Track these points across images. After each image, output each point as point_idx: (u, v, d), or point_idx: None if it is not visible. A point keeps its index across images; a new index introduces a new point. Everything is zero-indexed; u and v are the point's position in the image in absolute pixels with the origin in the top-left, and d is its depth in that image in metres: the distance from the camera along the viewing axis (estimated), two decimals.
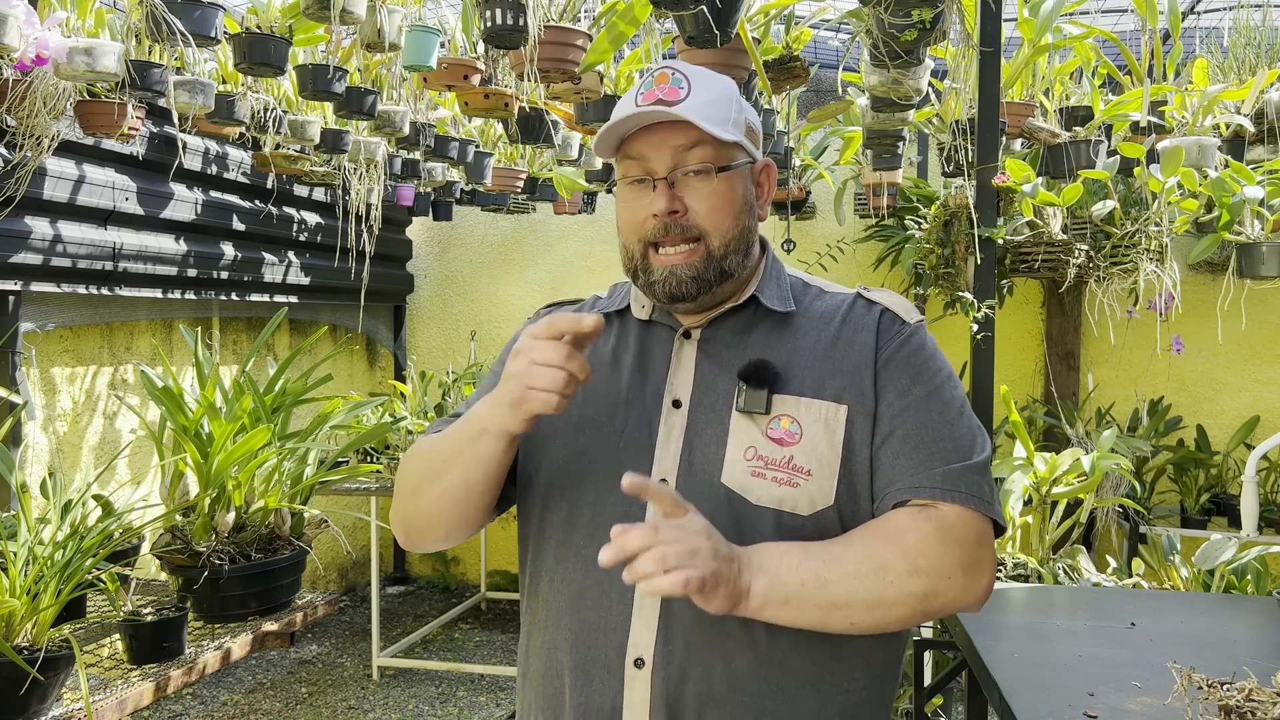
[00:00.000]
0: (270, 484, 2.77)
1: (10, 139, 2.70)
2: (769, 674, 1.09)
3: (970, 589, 1.07)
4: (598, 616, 1.12)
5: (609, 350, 1.24)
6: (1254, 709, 1.15)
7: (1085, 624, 1.51)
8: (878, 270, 4.95)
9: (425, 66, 2.44)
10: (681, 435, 1.14)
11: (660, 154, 1.14)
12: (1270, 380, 4.60)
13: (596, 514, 1.14)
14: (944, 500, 1.08)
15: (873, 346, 1.15)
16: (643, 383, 1.19)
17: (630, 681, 1.09)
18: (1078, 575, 2.39)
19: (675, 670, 1.08)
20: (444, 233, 5.69)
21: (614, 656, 1.10)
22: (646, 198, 1.14)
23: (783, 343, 1.17)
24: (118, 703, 2.20)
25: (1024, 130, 3.02)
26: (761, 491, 1.10)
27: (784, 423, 1.11)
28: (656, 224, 1.13)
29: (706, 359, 1.18)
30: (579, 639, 1.13)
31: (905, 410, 1.12)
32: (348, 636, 4.82)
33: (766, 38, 2.49)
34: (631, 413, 1.17)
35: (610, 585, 1.11)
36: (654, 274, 1.15)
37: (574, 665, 1.13)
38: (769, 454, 1.10)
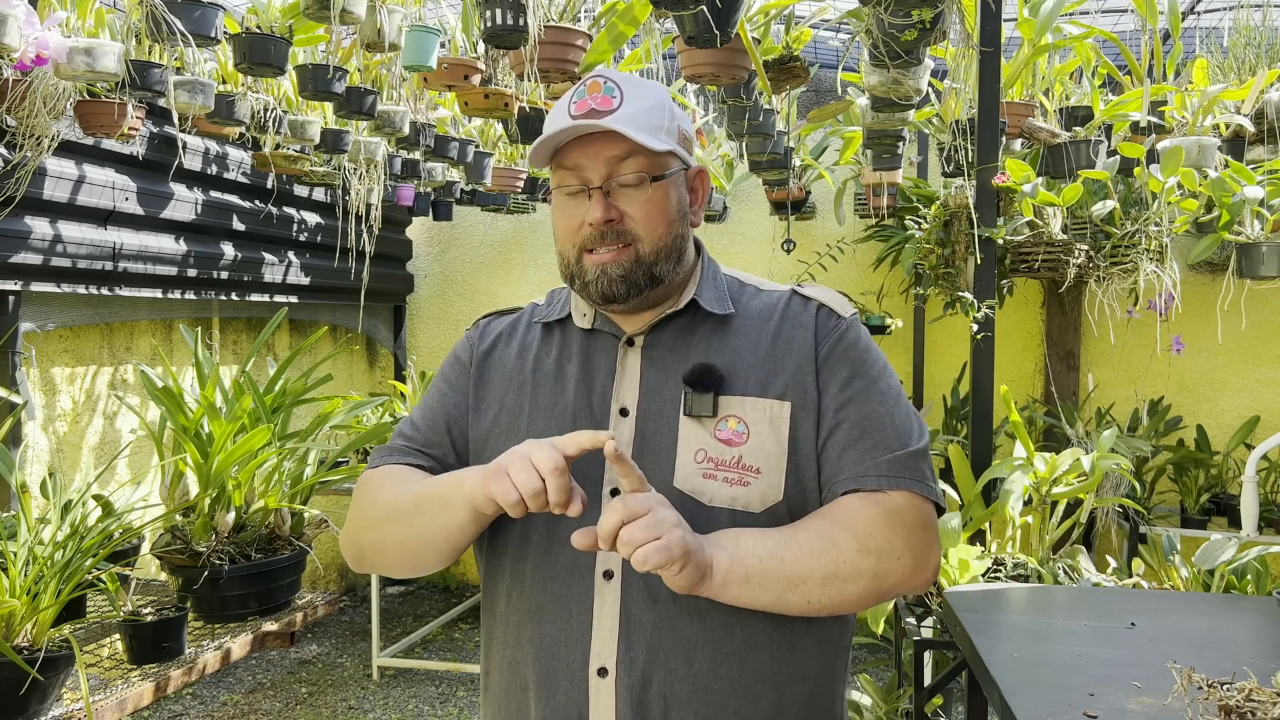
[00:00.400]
0: (270, 484, 2.77)
1: (10, 139, 2.70)
2: (729, 672, 1.11)
3: (919, 570, 1.11)
4: (558, 629, 1.13)
5: (552, 361, 1.25)
6: (1254, 709, 1.15)
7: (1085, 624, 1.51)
8: (878, 270, 4.95)
9: (425, 66, 2.44)
10: (631, 443, 1.16)
11: (595, 164, 1.15)
12: (1270, 380, 4.60)
13: (550, 528, 1.16)
14: (890, 488, 1.12)
15: (812, 343, 1.18)
16: (589, 393, 1.20)
17: (595, 690, 1.11)
18: (1078, 575, 2.39)
19: (638, 676, 1.10)
20: (444, 233, 5.69)
21: (577, 667, 1.12)
22: (582, 206, 1.17)
23: (724, 344, 1.19)
24: (118, 703, 2.20)
25: (1024, 130, 3.02)
26: (714, 492, 1.12)
27: (731, 423, 1.14)
28: (592, 231, 1.16)
29: (651, 365, 1.20)
30: (541, 652, 1.14)
31: (848, 402, 1.15)
32: (348, 636, 4.82)
33: (766, 38, 2.49)
34: (578, 422, 1.18)
35: (569, 597, 1.13)
36: (587, 274, 1.17)
37: (537, 678, 1.14)
38: (719, 455, 1.13)
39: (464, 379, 1.29)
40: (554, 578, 1.14)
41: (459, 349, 1.34)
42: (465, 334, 1.36)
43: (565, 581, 1.14)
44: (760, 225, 5.22)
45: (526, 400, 1.23)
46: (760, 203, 5.08)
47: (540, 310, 1.33)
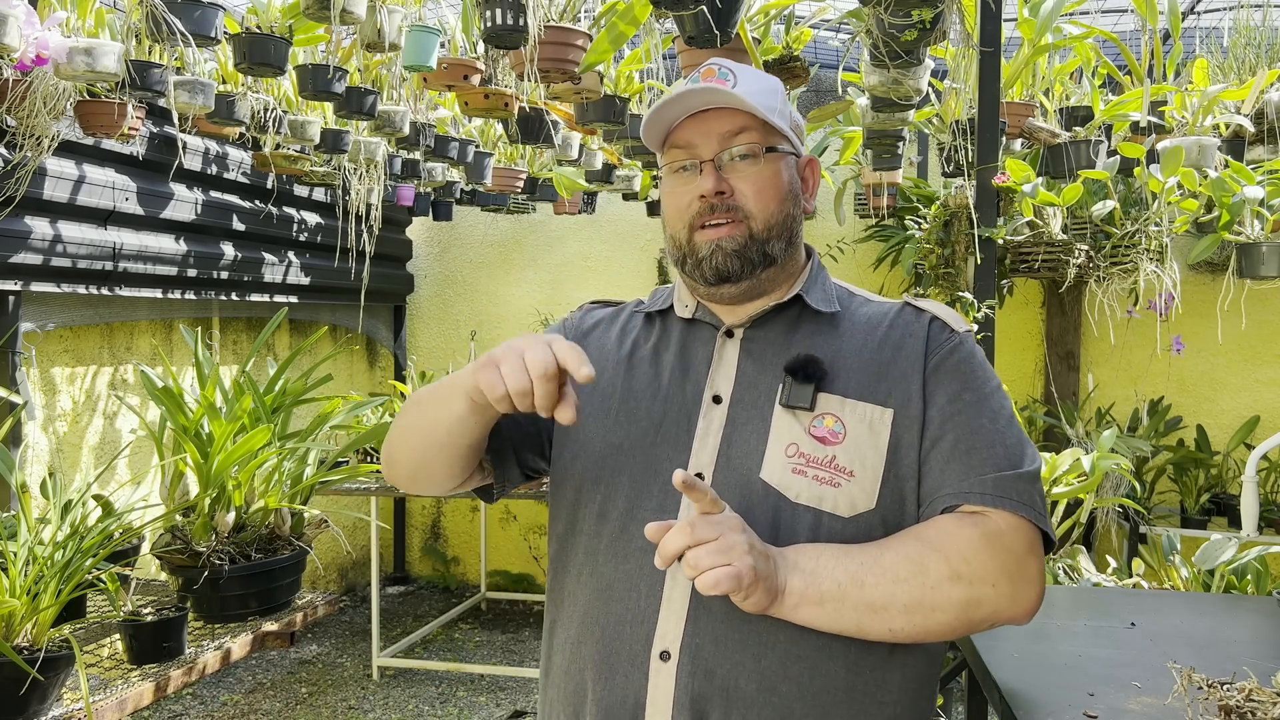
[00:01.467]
0: (270, 484, 2.77)
1: (10, 139, 2.70)
2: (800, 676, 1.05)
3: (1017, 600, 1.03)
4: (625, 609, 1.09)
5: (649, 347, 1.23)
6: (1254, 709, 1.15)
7: (1085, 624, 1.51)
8: (878, 270, 4.95)
9: (425, 66, 2.44)
10: (720, 430, 1.13)
11: (707, 140, 1.14)
12: (1270, 380, 4.60)
13: (630, 507, 1.13)
14: (993, 507, 1.05)
15: (922, 352, 1.14)
16: (683, 379, 1.18)
17: (655, 675, 1.06)
18: (1078, 575, 2.39)
19: (702, 665, 1.05)
20: (444, 233, 5.69)
21: (639, 649, 1.07)
22: (693, 182, 1.15)
23: (828, 343, 1.15)
24: (118, 703, 2.20)
25: (1024, 130, 3.02)
26: (801, 489, 1.07)
27: (828, 421, 1.10)
28: (703, 205, 1.14)
29: (749, 357, 1.17)
30: (605, 632, 1.10)
31: (955, 415, 1.10)
32: (348, 636, 4.82)
33: (766, 38, 2.49)
34: (670, 407, 1.16)
35: (639, 577, 1.09)
36: (700, 251, 1.15)
37: (598, 658, 1.10)
38: (811, 451, 1.08)
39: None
40: (628, 556, 1.11)
41: (562, 323, 1.34)
42: (566, 316, 1.35)
43: (639, 560, 1.09)
44: None
45: (620, 382, 1.21)
46: None
47: (644, 304, 1.32)
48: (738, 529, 0.98)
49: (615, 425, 1.18)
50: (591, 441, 1.19)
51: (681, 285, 1.25)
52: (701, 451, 1.12)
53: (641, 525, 1.06)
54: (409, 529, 5.79)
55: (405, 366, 5.48)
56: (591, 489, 1.17)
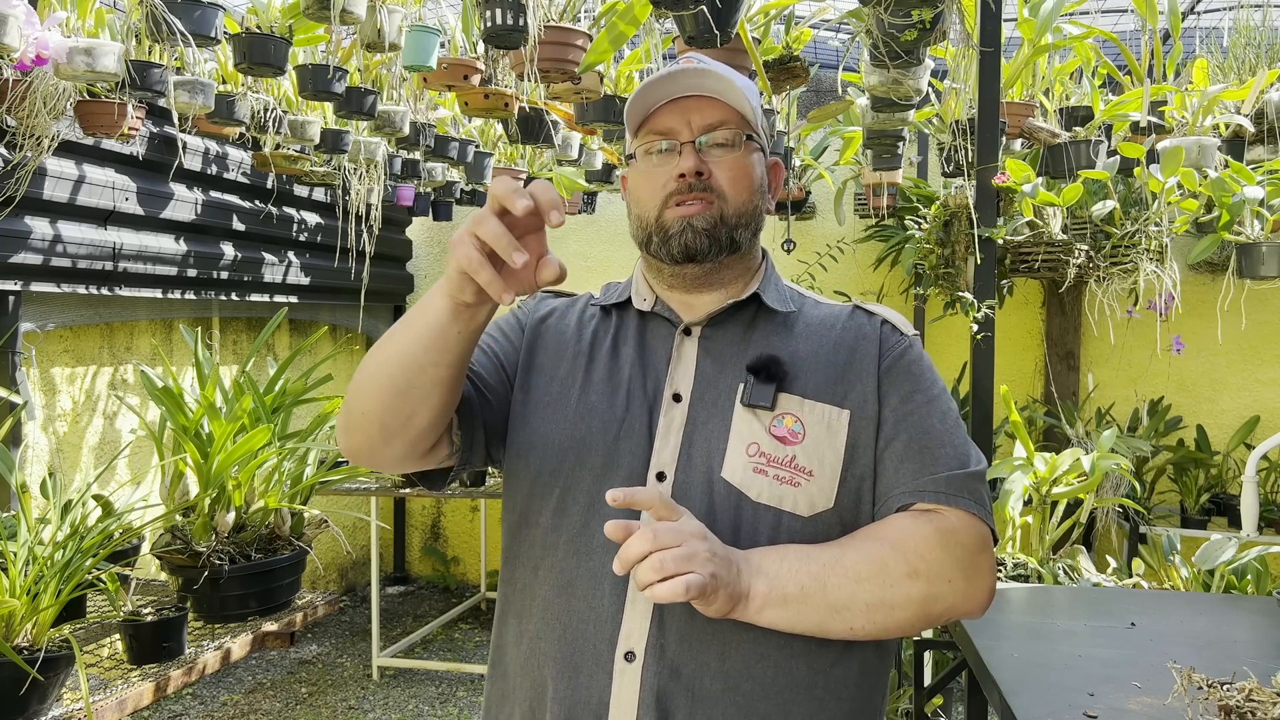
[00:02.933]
0: (270, 484, 2.77)
1: (10, 139, 2.70)
2: (764, 674, 1.07)
3: (971, 594, 1.07)
4: (588, 607, 1.09)
5: (609, 340, 1.23)
6: (1254, 709, 1.15)
7: (1085, 624, 1.51)
8: (878, 270, 4.95)
9: (425, 66, 2.44)
10: (681, 429, 1.13)
11: (687, 125, 1.16)
12: (1270, 380, 4.60)
13: (591, 503, 1.12)
14: (947, 505, 1.08)
15: (875, 354, 1.17)
16: (643, 375, 1.18)
17: (620, 675, 1.06)
18: (1078, 575, 2.39)
19: (667, 665, 1.06)
20: (444, 233, 5.69)
21: (603, 649, 1.07)
22: (669, 163, 1.16)
23: (785, 344, 1.18)
24: (118, 703, 2.20)
25: (1024, 130, 3.02)
26: (762, 488, 1.09)
27: (787, 421, 1.12)
28: (680, 184, 1.15)
29: (707, 356, 1.18)
30: (567, 630, 1.10)
31: (909, 416, 1.13)
32: (348, 636, 4.82)
33: (766, 38, 2.49)
34: (631, 402, 1.16)
35: (603, 575, 1.09)
36: (670, 227, 1.15)
37: (559, 656, 1.10)
38: (772, 451, 1.10)
39: (518, 334, 1.27)
40: (590, 553, 1.11)
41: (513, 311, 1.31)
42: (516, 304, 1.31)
43: (601, 559, 1.09)
44: None
45: (580, 373, 1.21)
46: None
47: (597, 298, 1.32)
48: (699, 536, 0.98)
49: (575, 418, 1.17)
50: (550, 433, 1.18)
51: (640, 278, 1.26)
52: (663, 450, 1.13)
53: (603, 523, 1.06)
54: (409, 529, 5.79)
55: None
56: (549, 481, 1.16)
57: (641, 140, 1.19)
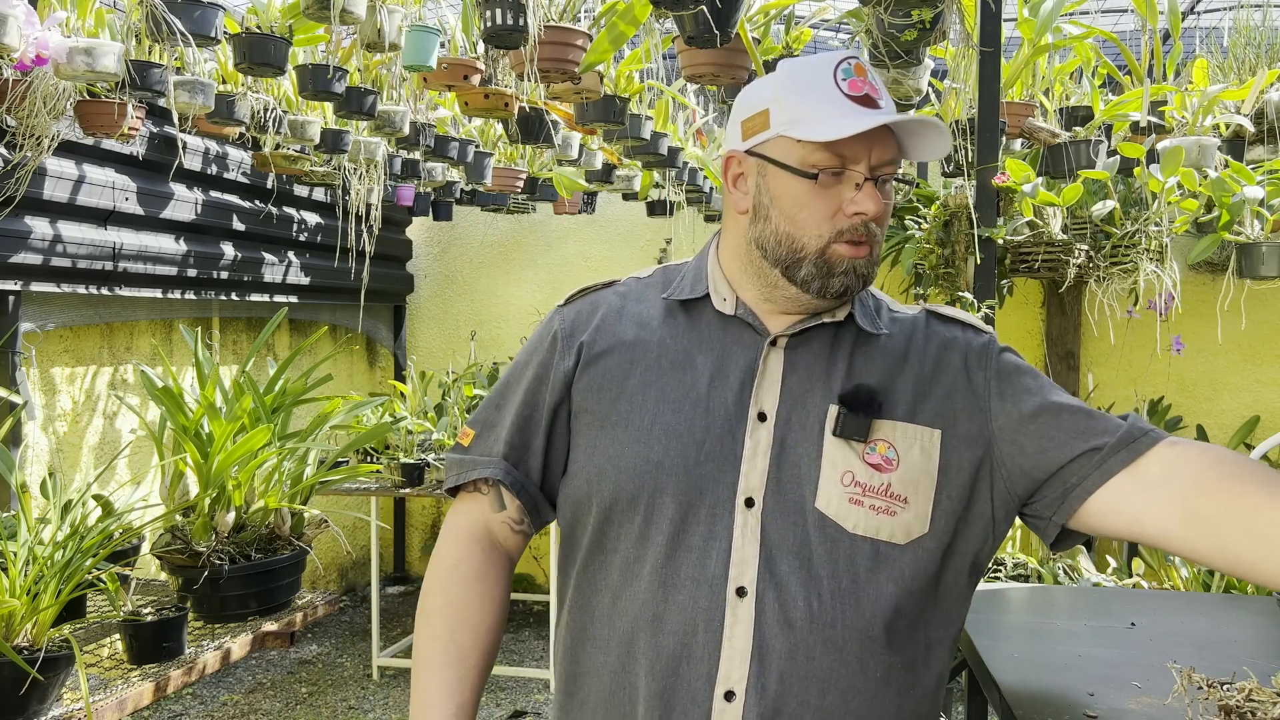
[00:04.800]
0: (270, 484, 2.77)
1: (10, 139, 2.70)
2: (859, 709, 1.04)
3: None
4: (679, 644, 1.05)
5: (681, 346, 1.14)
6: (1254, 709, 1.15)
7: (1085, 624, 1.51)
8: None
9: (425, 66, 2.44)
10: (768, 452, 1.08)
11: (868, 155, 1.08)
12: (1270, 380, 4.60)
13: (676, 532, 1.07)
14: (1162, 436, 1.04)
15: (962, 366, 1.13)
16: (723, 388, 1.11)
17: (719, 715, 1.03)
18: (1078, 575, 2.39)
19: (769, 704, 1.02)
20: (444, 233, 5.69)
21: (700, 687, 1.03)
22: (841, 190, 1.08)
23: (872, 363, 1.12)
24: (118, 703, 2.20)
25: (1024, 130, 3.02)
26: (859, 519, 1.05)
27: (880, 448, 1.07)
28: (856, 222, 1.07)
29: (794, 372, 1.11)
30: (656, 665, 1.05)
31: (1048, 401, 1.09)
32: (348, 636, 4.82)
33: (766, 38, 2.49)
34: (713, 421, 1.09)
35: (695, 611, 1.04)
36: (836, 266, 1.08)
37: (651, 693, 1.05)
38: (867, 480, 1.06)
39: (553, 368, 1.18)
40: (678, 586, 1.06)
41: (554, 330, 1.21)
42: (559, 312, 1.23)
43: (691, 593, 1.05)
44: None
45: (652, 386, 1.12)
46: None
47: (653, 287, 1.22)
48: None
49: (650, 439, 1.10)
50: (625, 456, 1.11)
51: (718, 274, 1.17)
52: (750, 474, 1.07)
53: (690, 552, 1.05)
54: (409, 529, 5.79)
55: (405, 366, 5.48)
56: (628, 508, 1.10)
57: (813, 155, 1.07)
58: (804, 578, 1.04)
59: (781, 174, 1.09)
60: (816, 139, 1.06)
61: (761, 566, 1.04)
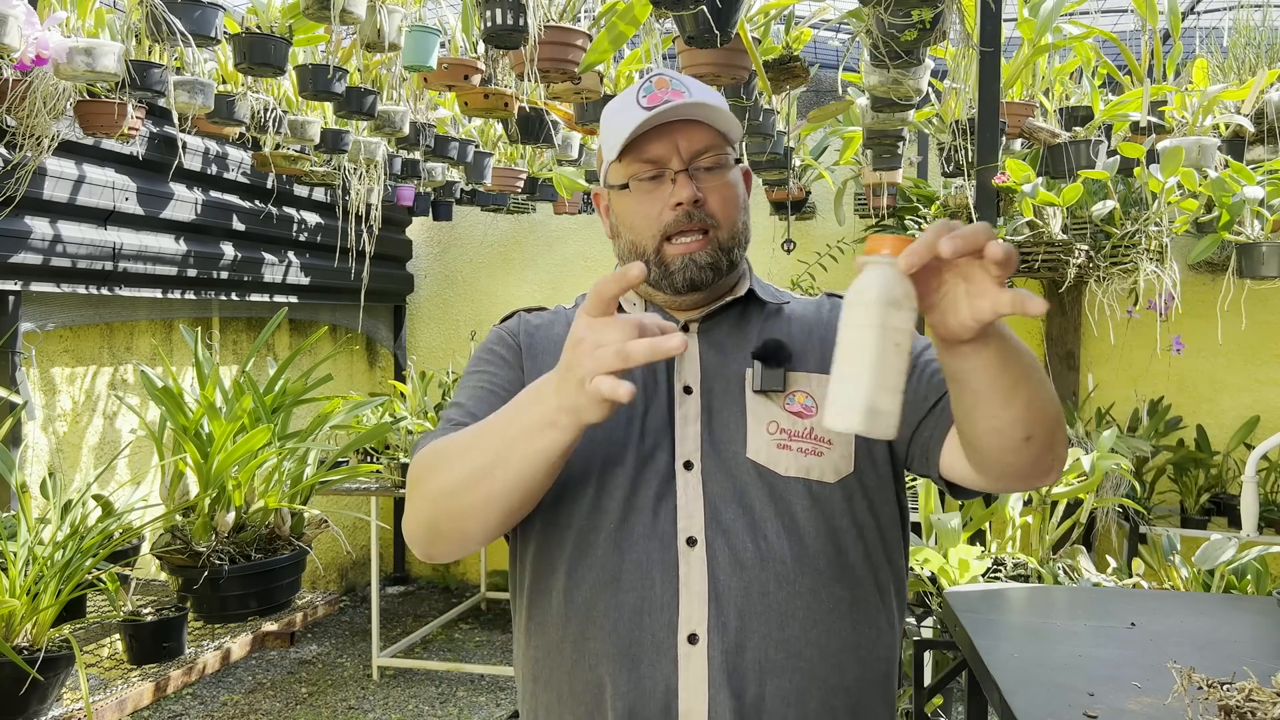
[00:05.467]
0: (270, 484, 2.77)
1: (10, 139, 2.70)
2: (820, 638, 1.10)
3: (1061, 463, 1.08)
4: (639, 597, 1.10)
5: None
6: (1254, 709, 1.15)
7: (1085, 624, 1.51)
8: None
9: (425, 66, 2.44)
10: (699, 418, 1.16)
11: (674, 152, 1.16)
12: (1270, 380, 4.60)
13: (627, 497, 1.13)
14: None
15: None
16: (649, 372, 1.19)
17: (685, 659, 1.07)
18: (1078, 575, 2.39)
19: (732, 641, 1.07)
20: (444, 233, 5.69)
21: (663, 635, 1.08)
22: (663, 190, 1.17)
23: (779, 329, 1.22)
24: (117, 703, 2.20)
25: (1024, 130, 3.02)
26: (789, 462, 1.13)
27: (799, 398, 1.16)
28: (679, 213, 1.15)
29: (710, 348, 1.21)
30: (619, 622, 1.10)
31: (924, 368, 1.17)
32: (348, 636, 4.82)
33: (766, 38, 2.49)
34: (646, 399, 1.18)
35: (650, 564, 1.10)
36: (672, 264, 1.17)
37: (615, 652, 1.09)
38: (791, 427, 1.14)
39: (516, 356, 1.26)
40: (632, 545, 1.11)
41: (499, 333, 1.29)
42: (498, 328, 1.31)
43: (644, 549, 1.11)
44: (760, 225, 5.22)
45: None
46: (760, 203, 5.08)
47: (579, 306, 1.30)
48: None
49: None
50: None
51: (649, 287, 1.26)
52: (685, 439, 1.15)
53: (640, 514, 1.11)
54: None
55: (405, 366, 5.48)
56: (580, 484, 1.16)
57: (630, 168, 1.18)
58: (748, 522, 1.11)
59: (613, 194, 1.21)
60: (613, 155, 1.17)
61: (708, 517, 1.11)
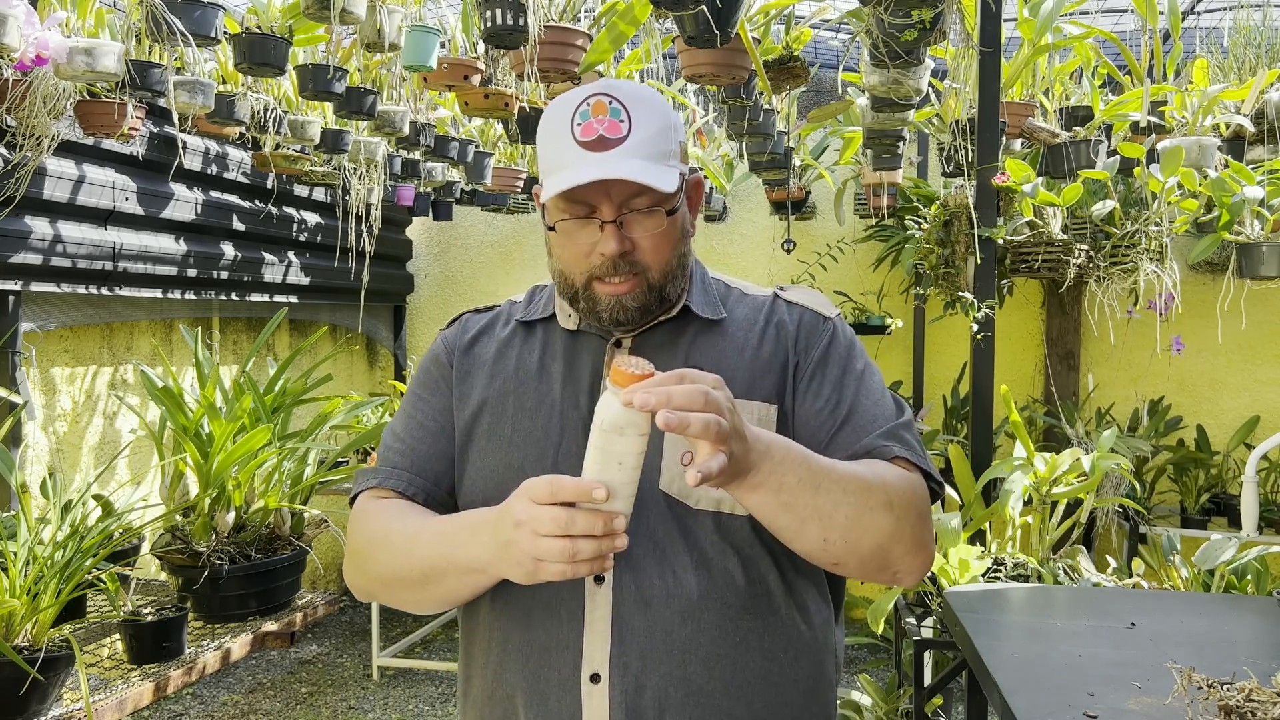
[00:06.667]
0: (270, 484, 2.77)
1: (10, 139, 2.70)
2: (724, 673, 1.10)
3: (921, 549, 1.10)
4: (548, 635, 1.11)
5: (535, 359, 1.22)
6: (1254, 709, 1.15)
7: (1085, 624, 1.51)
8: (878, 270, 4.95)
9: (425, 66, 2.44)
10: None
11: (607, 200, 1.11)
12: (1270, 380, 4.60)
13: None
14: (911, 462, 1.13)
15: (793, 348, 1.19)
16: (575, 391, 1.18)
17: (587, 697, 1.09)
18: (1078, 575, 2.39)
19: (632, 682, 1.08)
20: (444, 233, 5.69)
21: (568, 674, 1.10)
22: (592, 235, 1.13)
23: (712, 347, 1.19)
24: (118, 703, 2.20)
25: (1024, 130, 3.02)
26: (700, 495, 1.11)
27: None
28: (605, 262, 1.12)
29: None
30: (529, 658, 1.12)
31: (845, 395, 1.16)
32: (348, 636, 4.82)
33: (766, 38, 2.49)
34: (566, 424, 1.16)
35: (559, 603, 1.11)
36: (600, 303, 1.15)
37: (527, 685, 1.12)
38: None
39: (445, 380, 1.26)
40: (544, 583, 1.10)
41: (438, 349, 1.29)
42: (441, 334, 1.31)
43: (555, 587, 1.11)
44: (760, 225, 5.22)
45: (510, 398, 1.20)
46: (760, 203, 5.08)
47: (519, 308, 1.30)
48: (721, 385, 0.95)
49: (510, 446, 1.17)
50: (489, 464, 1.18)
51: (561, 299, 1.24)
52: None
53: None
54: None
55: (405, 366, 5.48)
56: None
57: (561, 208, 1.13)
58: (657, 556, 1.10)
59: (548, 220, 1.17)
60: (545, 196, 1.12)
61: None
